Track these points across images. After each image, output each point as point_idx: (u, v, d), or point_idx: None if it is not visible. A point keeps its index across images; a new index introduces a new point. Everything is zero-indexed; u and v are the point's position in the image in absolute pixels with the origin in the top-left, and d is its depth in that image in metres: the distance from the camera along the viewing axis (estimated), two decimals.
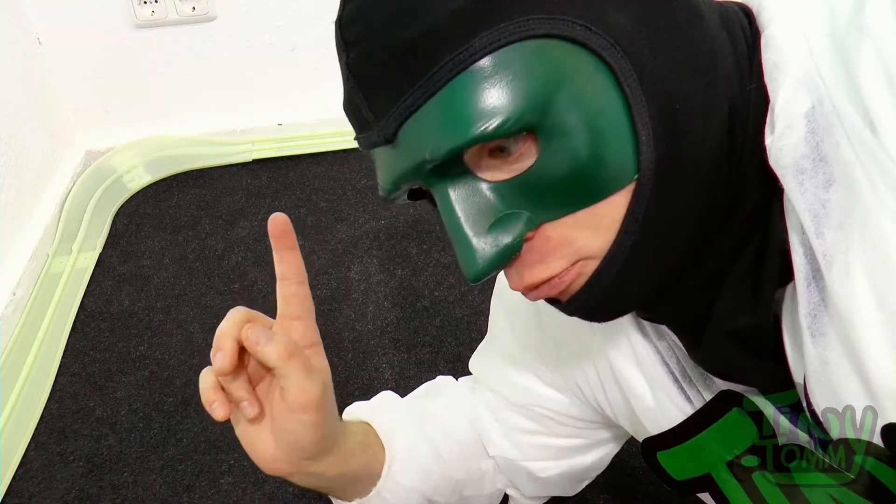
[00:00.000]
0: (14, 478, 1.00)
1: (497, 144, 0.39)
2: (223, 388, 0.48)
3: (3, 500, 0.97)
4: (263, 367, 0.49)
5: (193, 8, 1.52)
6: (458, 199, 0.40)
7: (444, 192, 0.40)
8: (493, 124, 0.37)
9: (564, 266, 0.41)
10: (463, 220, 0.40)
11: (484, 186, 0.40)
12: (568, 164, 0.37)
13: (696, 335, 0.46)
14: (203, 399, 0.48)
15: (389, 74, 0.39)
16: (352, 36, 0.40)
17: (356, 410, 0.66)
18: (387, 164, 0.42)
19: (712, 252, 0.42)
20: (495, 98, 0.37)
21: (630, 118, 0.37)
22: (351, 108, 0.42)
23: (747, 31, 0.42)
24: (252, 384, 0.50)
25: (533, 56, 0.37)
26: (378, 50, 0.39)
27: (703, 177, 0.40)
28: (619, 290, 0.41)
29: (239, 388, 0.48)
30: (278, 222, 0.50)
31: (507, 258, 0.40)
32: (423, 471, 0.62)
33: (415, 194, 0.46)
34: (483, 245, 0.40)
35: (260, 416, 0.50)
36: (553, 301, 0.45)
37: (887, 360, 0.35)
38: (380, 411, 0.64)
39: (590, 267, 0.41)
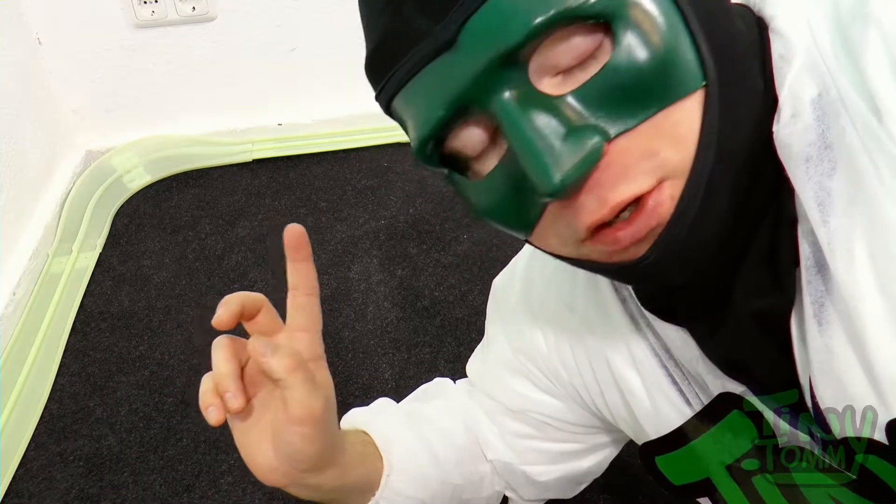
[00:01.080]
0: (14, 478, 1.00)
1: (570, 33, 0.38)
2: (221, 395, 0.48)
3: (3, 500, 0.97)
4: (266, 375, 0.49)
5: (193, 8, 1.52)
6: (525, 111, 0.38)
7: (508, 105, 0.38)
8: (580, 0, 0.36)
9: (651, 183, 0.38)
10: (534, 130, 0.38)
11: (552, 101, 0.38)
12: (645, 55, 0.37)
13: (715, 319, 0.45)
14: (200, 402, 0.48)
15: None
16: None
17: (353, 418, 0.65)
18: (441, 83, 0.39)
19: (740, 224, 0.41)
20: None
21: (689, 31, 0.38)
22: (393, 33, 0.40)
23: (754, 25, 0.43)
24: (252, 389, 0.50)
25: None
26: None
27: (754, 111, 0.39)
28: (701, 225, 0.39)
29: (227, 378, 0.47)
30: (295, 233, 0.50)
31: (591, 163, 0.37)
32: (422, 478, 0.62)
33: (445, 160, 0.44)
34: (561, 152, 0.37)
35: (245, 412, 0.50)
36: (616, 270, 0.43)
37: (891, 347, 0.35)
38: (377, 419, 0.64)
39: (677, 188, 0.38)
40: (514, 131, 0.38)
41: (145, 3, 1.50)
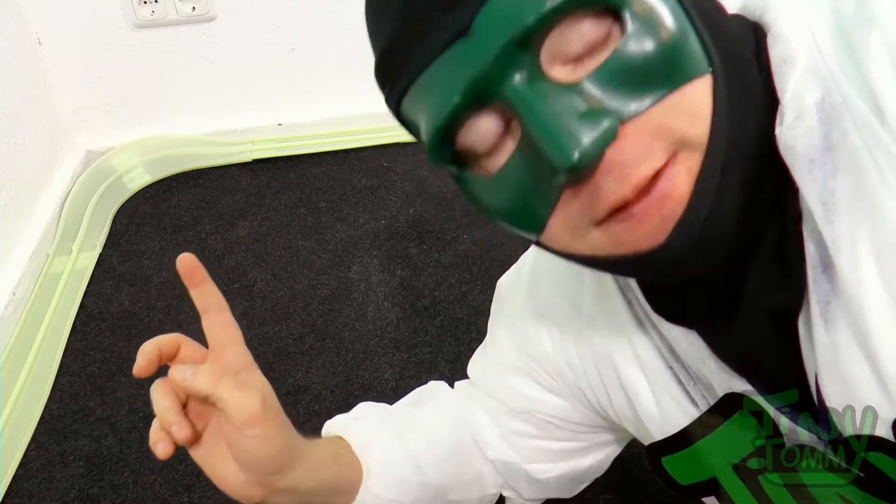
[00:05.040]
0: (14, 478, 1.00)
1: (580, 20, 0.38)
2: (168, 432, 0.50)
3: (3, 500, 0.97)
4: (207, 402, 0.50)
5: (193, 8, 1.52)
6: (540, 95, 0.38)
7: (524, 91, 0.39)
8: None
9: (667, 155, 0.38)
10: (549, 112, 0.38)
11: (564, 88, 0.39)
12: (653, 40, 0.38)
13: (728, 316, 0.46)
14: (150, 441, 0.50)
15: None
16: None
17: (332, 426, 0.66)
18: (456, 70, 0.39)
19: (751, 219, 0.42)
20: None
21: (692, 26, 0.39)
22: (406, 26, 0.41)
23: (749, 32, 0.43)
24: (200, 422, 0.52)
25: None
26: None
27: (753, 106, 0.40)
28: (719, 209, 0.39)
29: (168, 411, 0.50)
30: (185, 262, 0.52)
31: (606, 140, 0.37)
32: (401, 482, 0.62)
33: (456, 159, 0.44)
34: (577, 130, 0.37)
35: (199, 442, 0.52)
36: (634, 261, 0.42)
37: None
38: (354, 425, 0.65)
39: (693, 161, 0.39)
40: (530, 113, 0.38)
41: (145, 3, 1.50)
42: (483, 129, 0.42)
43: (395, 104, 0.44)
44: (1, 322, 1.20)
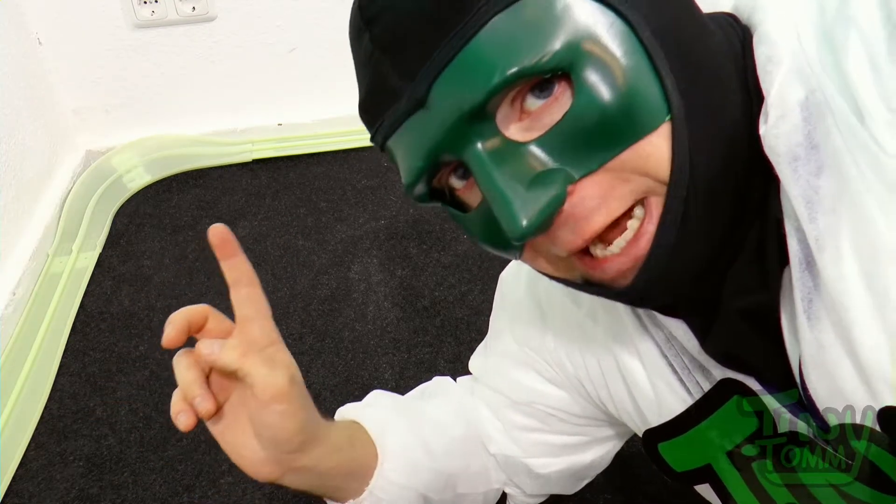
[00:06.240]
0: (14, 478, 1.00)
1: (533, 83, 0.39)
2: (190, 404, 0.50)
3: (3, 500, 0.97)
4: (230, 376, 0.50)
5: (193, 8, 1.52)
6: (494, 160, 0.40)
7: (479, 156, 0.41)
8: (536, 57, 0.38)
9: (625, 206, 0.40)
10: (502, 179, 0.40)
11: (518, 148, 0.40)
12: (603, 101, 0.38)
13: (708, 316, 0.47)
14: (171, 412, 0.49)
15: (419, 33, 0.40)
16: (374, 11, 0.41)
17: (346, 411, 0.66)
18: (417, 138, 0.42)
19: (733, 229, 0.43)
20: (535, 35, 0.38)
21: (652, 66, 0.39)
22: (374, 90, 0.43)
23: (738, 33, 0.44)
24: (222, 395, 0.52)
25: (560, 3, 0.39)
26: (405, 13, 0.40)
27: (728, 131, 0.41)
28: (686, 237, 0.40)
29: (192, 384, 0.49)
30: (218, 232, 0.52)
31: (554, 208, 0.40)
32: (414, 467, 0.63)
33: (434, 195, 0.47)
34: (526, 199, 0.39)
35: (220, 416, 0.52)
36: (609, 294, 0.45)
37: (877, 341, 0.35)
38: (369, 411, 0.65)
39: (652, 213, 0.40)
40: (483, 181, 0.41)
41: (145, 3, 1.50)
42: (452, 179, 0.46)
43: (379, 146, 0.47)
44: (1, 322, 1.20)
